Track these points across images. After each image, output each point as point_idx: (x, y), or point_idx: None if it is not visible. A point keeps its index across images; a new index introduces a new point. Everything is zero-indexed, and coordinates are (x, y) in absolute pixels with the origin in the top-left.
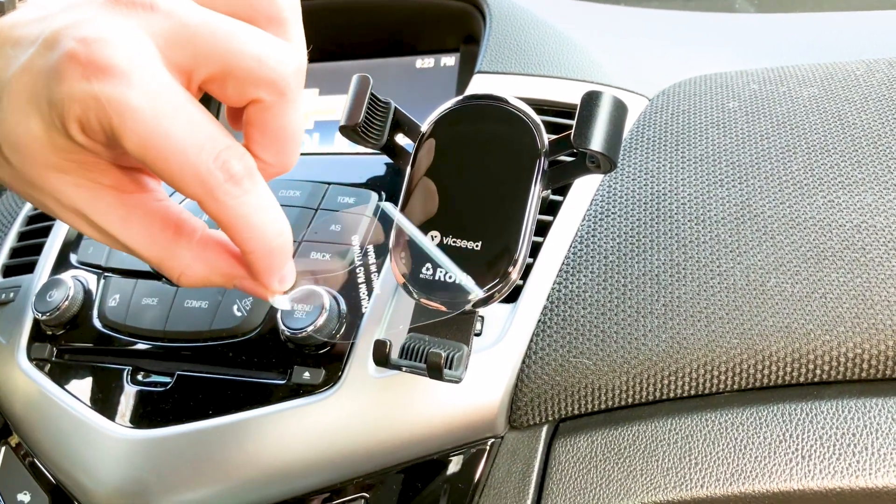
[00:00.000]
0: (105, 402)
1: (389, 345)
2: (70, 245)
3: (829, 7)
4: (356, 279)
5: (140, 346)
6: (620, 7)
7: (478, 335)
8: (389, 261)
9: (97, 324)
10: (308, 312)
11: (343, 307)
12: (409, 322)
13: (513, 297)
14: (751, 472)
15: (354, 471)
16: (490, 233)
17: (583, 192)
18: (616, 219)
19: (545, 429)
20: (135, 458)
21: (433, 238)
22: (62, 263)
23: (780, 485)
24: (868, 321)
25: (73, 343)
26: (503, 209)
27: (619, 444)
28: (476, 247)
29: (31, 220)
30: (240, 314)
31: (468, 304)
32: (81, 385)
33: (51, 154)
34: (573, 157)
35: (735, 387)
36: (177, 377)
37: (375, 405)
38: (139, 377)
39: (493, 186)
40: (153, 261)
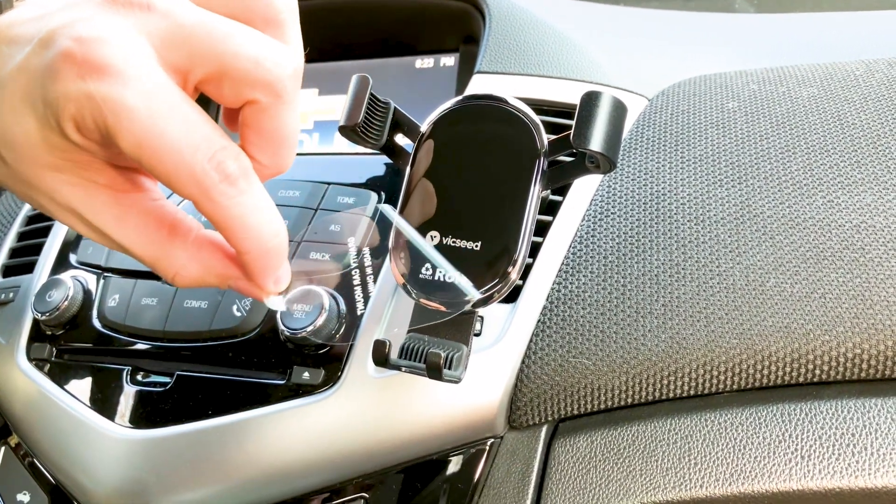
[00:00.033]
0: (104, 403)
1: (389, 345)
2: (70, 245)
3: (829, 7)
4: (354, 280)
5: (139, 346)
6: (620, 7)
7: (477, 335)
8: (389, 261)
9: (97, 324)
10: (307, 312)
11: (343, 307)
12: (409, 322)
13: (512, 298)
14: (750, 473)
15: (354, 471)
16: (489, 233)
17: (582, 193)
18: (616, 219)
19: (545, 429)
20: (134, 459)
21: (432, 238)
22: (62, 263)
23: (780, 485)
24: (867, 321)
25: (73, 343)
26: (503, 209)
27: (619, 445)
28: (475, 247)
29: (31, 221)
30: (239, 314)
31: (467, 305)
32: (81, 385)
33: (46, 153)
34: (573, 158)
35: (734, 387)
36: (176, 377)
37: (375, 405)
38: (139, 377)
39: (493, 186)
40: (148, 260)
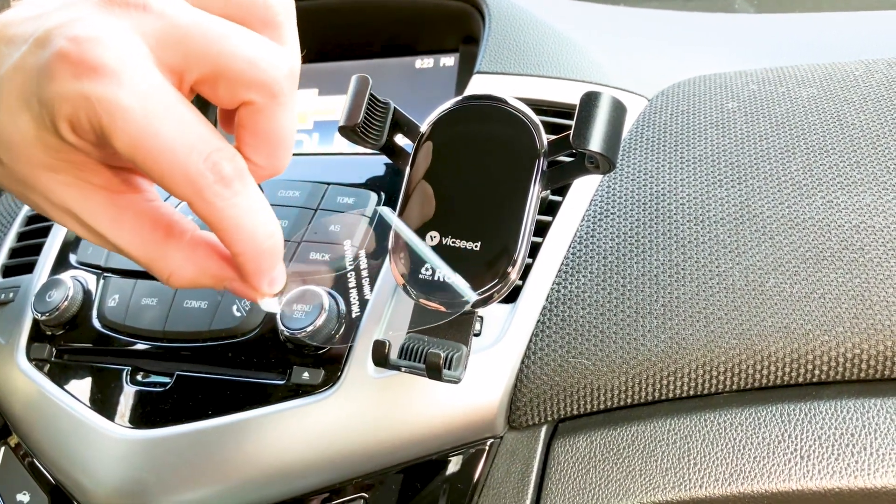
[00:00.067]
0: (104, 403)
1: (388, 345)
2: (69, 245)
3: (828, 7)
4: (354, 281)
5: (139, 347)
6: (620, 7)
7: (477, 335)
8: (389, 262)
9: (96, 324)
10: (307, 313)
11: (342, 307)
12: (409, 323)
13: (512, 298)
14: (749, 473)
15: (354, 471)
16: (489, 233)
17: (582, 193)
18: (615, 219)
19: (544, 429)
20: (134, 459)
21: (432, 238)
22: (61, 264)
23: (779, 485)
24: (866, 321)
25: (73, 343)
26: (502, 209)
27: (618, 445)
28: (475, 247)
29: (31, 221)
30: (239, 314)
31: (467, 305)
32: (81, 385)
33: (41, 153)
34: (572, 158)
35: (734, 387)
36: (176, 377)
37: (375, 405)
38: (138, 377)
39: (493, 187)
40: (143, 261)
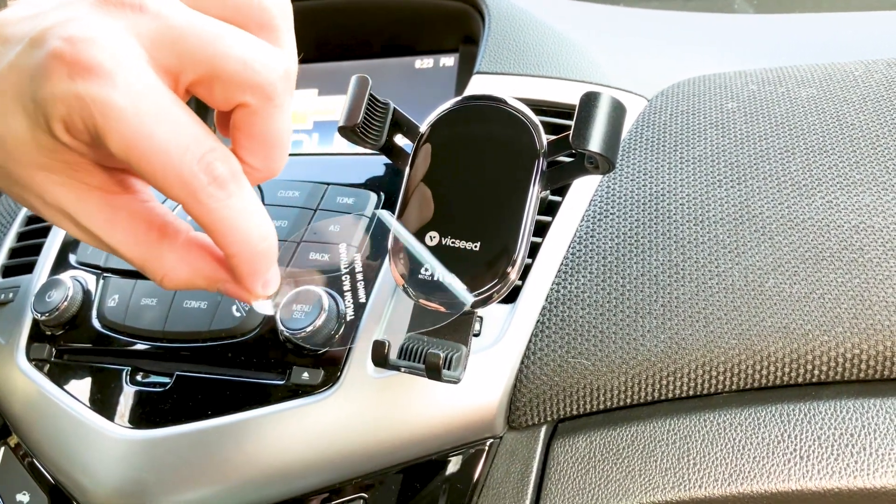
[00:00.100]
0: (104, 403)
1: (388, 345)
2: (69, 245)
3: (828, 8)
4: (353, 281)
5: (139, 347)
6: (619, 7)
7: (476, 335)
8: (388, 262)
9: (96, 324)
10: (307, 313)
11: (342, 308)
12: (408, 323)
13: (511, 298)
14: (749, 473)
15: (353, 471)
16: (489, 233)
17: (581, 193)
18: (615, 219)
19: (544, 429)
20: (134, 459)
21: (432, 239)
22: (61, 264)
23: (779, 485)
24: (866, 321)
25: (73, 343)
26: (502, 210)
27: (618, 445)
28: (475, 247)
29: (31, 221)
30: (239, 315)
31: (465, 306)
32: (80, 385)
33: (36, 153)
34: (572, 158)
35: (733, 387)
36: (176, 377)
37: (374, 405)
38: (138, 377)
39: (492, 187)
40: (136, 262)
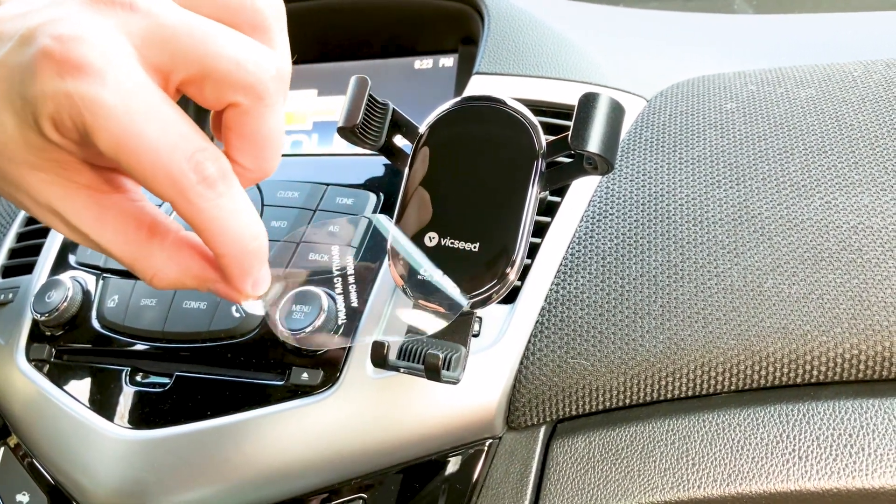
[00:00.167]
0: (104, 403)
1: (387, 346)
2: (69, 246)
3: (828, 8)
4: (352, 282)
5: (139, 347)
6: (619, 8)
7: (476, 336)
8: (388, 263)
9: (96, 324)
10: (306, 314)
11: (342, 309)
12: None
13: (511, 298)
14: (748, 473)
15: (353, 471)
16: (488, 234)
17: (581, 194)
18: (614, 220)
19: (543, 429)
20: (133, 459)
21: (431, 239)
22: (61, 264)
23: (777, 485)
24: (865, 322)
25: (72, 344)
26: (501, 210)
27: (617, 445)
28: (474, 248)
29: (30, 221)
30: (238, 315)
31: (462, 308)
32: (80, 386)
33: (25, 151)
34: (571, 159)
35: (732, 388)
36: (175, 378)
37: (373, 406)
38: (138, 378)
39: (491, 188)
40: (126, 261)
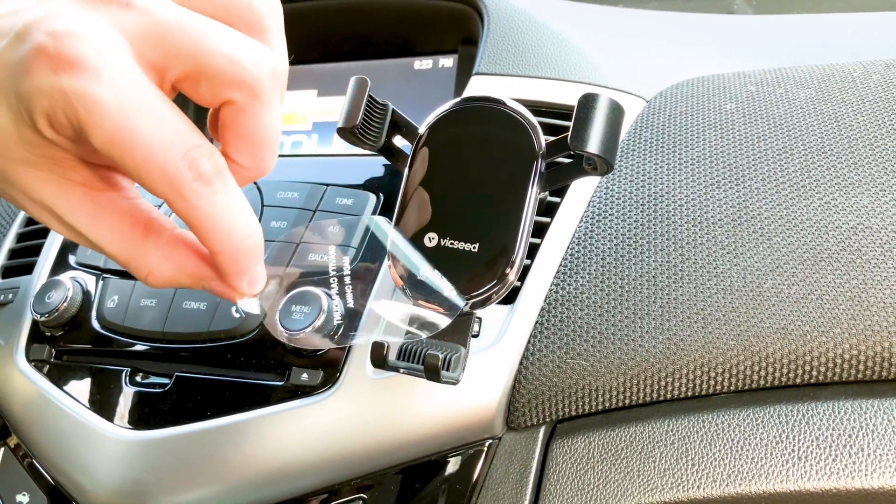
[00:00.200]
0: (104, 404)
1: (387, 346)
2: (69, 246)
3: (827, 9)
4: (351, 283)
5: (139, 348)
6: (619, 8)
7: (475, 336)
8: (388, 264)
9: (96, 325)
10: (306, 314)
11: (342, 309)
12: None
13: (510, 299)
14: (747, 473)
15: (352, 472)
16: (487, 235)
17: (580, 194)
18: (613, 220)
19: (542, 430)
20: (133, 459)
21: (430, 240)
22: (61, 264)
23: (777, 486)
24: (864, 323)
25: (72, 344)
26: (501, 211)
27: (617, 445)
28: (474, 248)
29: (30, 222)
30: (238, 315)
31: (465, 307)
32: (80, 386)
33: (19, 148)
34: (570, 159)
35: (732, 388)
36: (175, 378)
37: (373, 406)
38: (138, 378)
39: (491, 188)
40: (120, 259)
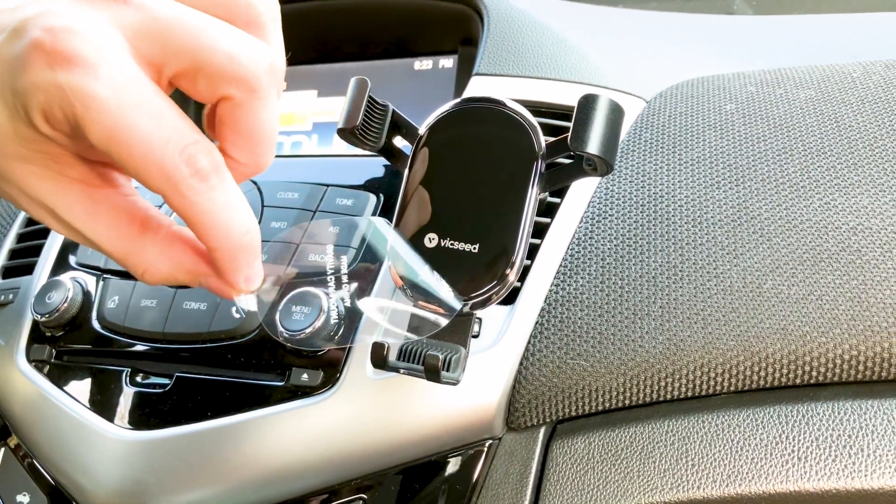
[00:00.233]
0: (104, 404)
1: (387, 347)
2: (69, 247)
3: (827, 9)
4: (351, 283)
5: (139, 348)
6: (618, 9)
7: (475, 337)
8: (388, 264)
9: (96, 325)
10: (306, 314)
11: (342, 309)
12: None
13: (510, 299)
14: (747, 474)
15: (352, 472)
16: (488, 235)
17: (580, 195)
18: (613, 221)
19: (542, 430)
20: (133, 460)
21: (430, 240)
22: (61, 265)
23: (777, 486)
24: (864, 323)
25: (72, 344)
26: (501, 211)
27: (617, 446)
28: (474, 249)
29: (30, 222)
30: (238, 316)
31: (465, 308)
32: (80, 386)
33: (16, 144)
34: (570, 160)
35: (732, 388)
36: (175, 379)
37: (373, 407)
38: (138, 379)
39: (491, 189)
40: (117, 256)
